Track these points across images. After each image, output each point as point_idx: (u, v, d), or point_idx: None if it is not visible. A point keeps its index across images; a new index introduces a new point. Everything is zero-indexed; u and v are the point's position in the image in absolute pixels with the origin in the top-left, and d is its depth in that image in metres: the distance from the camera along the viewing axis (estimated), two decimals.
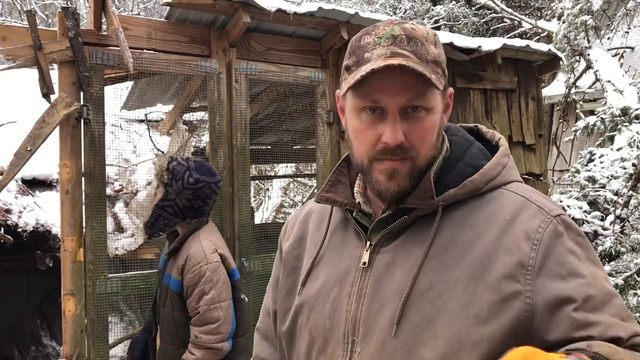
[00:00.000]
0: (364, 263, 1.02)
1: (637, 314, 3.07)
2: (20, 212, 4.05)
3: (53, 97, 2.74)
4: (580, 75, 7.97)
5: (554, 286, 0.89)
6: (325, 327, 1.03)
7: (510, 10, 11.34)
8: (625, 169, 4.62)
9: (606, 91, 6.52)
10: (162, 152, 4.83)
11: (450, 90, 1.04)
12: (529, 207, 0.95)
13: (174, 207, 2.40)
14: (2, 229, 3.93)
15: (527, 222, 0.93)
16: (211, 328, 2.31)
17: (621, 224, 3.93)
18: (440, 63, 0.97)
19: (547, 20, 11.04)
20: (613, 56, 8.59)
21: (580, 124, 6.32)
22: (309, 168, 9.26)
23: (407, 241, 0.99)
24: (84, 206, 2.82)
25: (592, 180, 4.68)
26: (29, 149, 2.63)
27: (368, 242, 1.03)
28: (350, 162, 1.13)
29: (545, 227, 0.92)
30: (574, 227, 0.95)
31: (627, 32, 9.82)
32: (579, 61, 7.80)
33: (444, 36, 3.91)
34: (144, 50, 3.02)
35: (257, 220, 10.08)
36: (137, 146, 5.06)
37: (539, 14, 12.58)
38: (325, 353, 1.02)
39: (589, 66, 7.45)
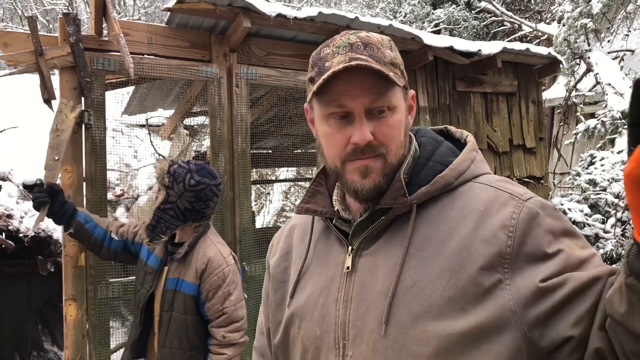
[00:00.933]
0: (347, 267, 1.04)
1: None
2: (21, 217, 4.06)
3: (54, 103, 2.75)
4: (581, 78, 7.98)
5: (530, 270, 0.91)
6: (315, 334, 1.05)
7: (510, 13, 11.36)
8: None
9: (606, 94, 6.53)
10: (163, 157, 4.84)
11: (412, 92, 1.08)
12: (500, 196, 0.98)
13: (175, 210, 2.40)
14: (4, 234, 3.94)
15: (501, 211, 0.95)
16: (237, 326, 2.41)
17: (622, 227, 3.93)
18: (398, 65, 1.02)
19: (547, 24, 11.05)
20: (613, 59, 8.59)
21: (581, 127, 6.32)
22: (310, 172, 9.26)
23: (387, 242, 1.02)
24: None
25: (593, 183, 4.68)
26: (56, 158, 2.65)
27: (350, 247, 1.06)
28: (327, 173, 1.18)
29: (519, 212, 0.94)
30: (547, 204, 0.97)
31: (627, 35, 9.83)
32: (579, 64, 7.81)
33: (444, 40, 3.92)
34: (145, 56, 3.02)
35: (258, 224, 10.08)
36: (138, 151, 5.08)
37: (539, 17, 12.59)
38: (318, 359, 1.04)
39: (589, 69, 7.46)
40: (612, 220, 4.07)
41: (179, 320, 2.40)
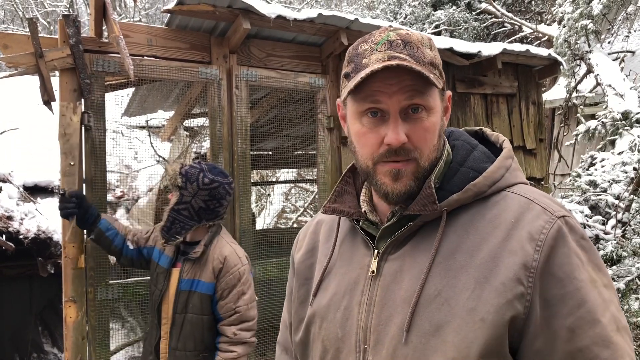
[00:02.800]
0: (372, 272, 1.03)
1: (639, 318, 3.06)
2: (21, 219, 4.06)
3: (54, 104, 2.75)
4: (581, 80, 7.97)
5: (551, 290, 0.89)
6: (337, 336, 1.04)
7: (510, 15, 11.35)
8: (626, 173, 4.61)
9: (607, 95, 6.52)
10: (164, 159, 4.84)
11: (449, 93, 1.05)
12: (532, 209, 0.95)
13: (189, 210, 2.44)
14: (4, 235, 3.94)
15: (531, 224, 0.92)
16: (249, 325, 2.44)
17: (622, 228, 3.92)
18: (437, 65, 0.99)
19: (548, 25, 11.05)
20: (614, 60, 8.59)
21: (581, 128, 6.32)
22: (310, 173, 9.26)
23: (414, 248, 0.99)
24: None
25: (593, 184, 4.68)
26: (72, 163, 2.67)
27: (376, 251, 1.04)
28: (356, 172, 1.15)
29: (549, 227, 0.91)
30: (577, 230, 0.94)
31: (628, 36, 9.83)
32: (580, 65, 7.80)
33: (444, 41, 3.92)
34: (145, 57, 3.03)
35: (259, 225, 10.07)
36: (138, 152, 5.08)
37: (539, 19, 12.59)
38: None
39: (589, 70, 7.45)
40: (612, 222, 4.06)
41: (195, 321, 2.42)
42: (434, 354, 0.91)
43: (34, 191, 4.46)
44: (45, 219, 4.15)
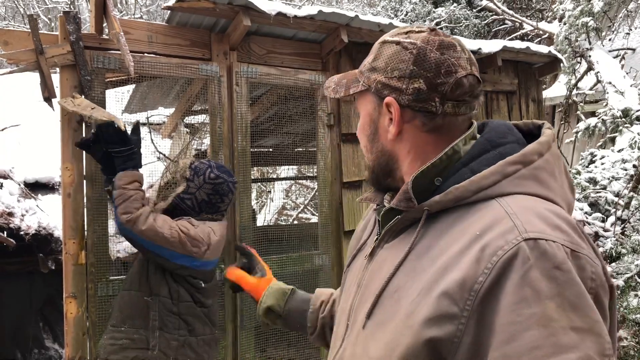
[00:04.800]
0: (366, 256, 1.10)
1: (638, 315, 3.07)
2: (22, 215, 4.07)
3: (55, 101, 2.76)
4: (582, 77, 7.97)
5: (489, 317, 0.80)
6: (343, 308, 1.13)
7: (511, 12, 11.34)
8: (626, 170, 4.61)
9: (607, 93, 6.52)
10: (164, 155, 4.84)
11: (387, 100, 1.00)
12: (504, 224, 0.85)
13: (192, 200, 2.61)
14: (5, 232, 3.95)
15: (491, 241, 0.83)
16: (185, 234, 2.45)
17: (622, 226, 3.93)
18: (363, 72, 1.07)
19: (549, 22, 11.04)
20: (614, 57, 8.58)
21: (582, 125, 6.32)
22: (311, 170, 9.26)
23: (400, 241, 1.01)
24: (85, 209, 2.84)
25: (593, 181, 4.68)
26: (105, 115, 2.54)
27: (375, 237, 1.10)
28: None
29: (507, 249, 0.81)
30: (551, 256, 0.79)
31: (628, 34, 9.82)
32: (580, 63, 7.80)
33: None
34: (145, 54, 3.03)
35: (260, 222, 10.08)
36: None
37: (540, 16, 12.58)
38: (337, 330, 1.13)
39: (590, 68, 7.45)
40: (612, 219, 4.07)
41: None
42: (375, 344, 0.94)
43: (35, 187, 4.47)
44: (46, 215, 4.16)
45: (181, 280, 2.55)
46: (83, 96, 2.72)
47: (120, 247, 4.01)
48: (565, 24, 7.64)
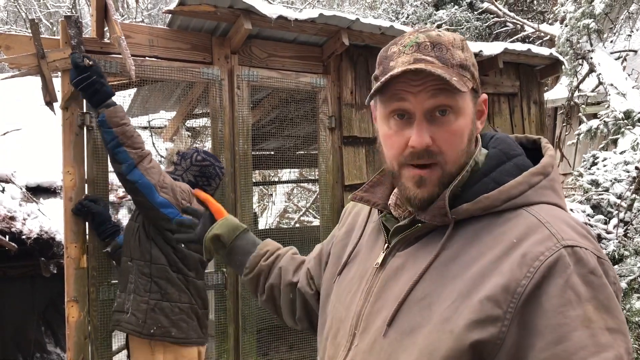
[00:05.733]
0: (377, 264, 1.06)
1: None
2: (24, 219, 4.07)
3: (56, 105, 2.76)
4: (583, 79, 7.96)
5: (533, 319, 0.84)
6: (341, 317, 1.10)
7: (512, 14, 11.34)
8: (628, 172, 4.61)
9: (609, 94, 6.51)
10: (166, 158, 4.85)
11: (484, 96, 1.03)
12: (540, 232, 0.89)
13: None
14: (7, 236, 3.95)
15: (531, 247, 0.87)
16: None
17: (624, 228, 3.92)
18: (468, 67, 0.98)
19: (550, 24, 11.03)
20: (616, 59, 8.58)
21: (583, 127, 6.31)
22: (313, 173, 9.26)
23: (419, 249, 1.00)
24: None
25: (595, 183, 4.67)
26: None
27: (386, 244, 1.07)
28: None
29: (549, 255, 0.85)
30: (587, 263, 0.85)
31: (630, 35, 9.80)
32: (582, 64, 7.79)
33: None
34: (146, 58, 3.03)
35: (261, 225, 10.08)
36: None
37: (541, 18, 12.58)
38: (335, 340, 1.10)
39: (591, 69, 7.44)
40: (614, 221, 4.06)
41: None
42: (403, 352, 0.92)
43: (37, 191, 4.48)
44: (47, 219, 4.16)
45: (158, 239, 2.56)
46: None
47: None
48: (566, 26, 7.63)
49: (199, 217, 1.57)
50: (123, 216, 4.52)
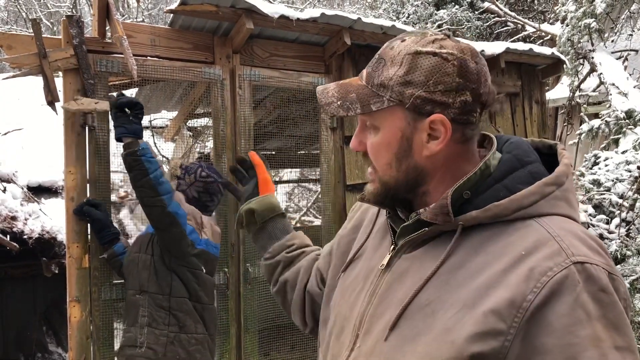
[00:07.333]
0: (382, 265, 1.05)
1: None
2: (26, 219, 4.07)
3: (58, 105, 2.76)
4: (585, 79, 7.96)
5: (541, 337, 0.82)
6: (345, 316, 1.09)
7: (513, 14, 11.34)
8: (630, 172, 4.60)
9: (610, 94, 6.50)
10: (167, 159, 4.85)
11: (436, 117, 0.94)
12: (549, 246, 0.87)
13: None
14: (8, 236, 3.95)
15: (539, 262, 0.85)
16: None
17: (627, 227, 3.92)
18: (390, 86, 0.95)
19: (551, 24, 11.03)
20: (617, 59, 8.57)
21: (585, 127, 6.31)
22: (314, 173, 9.26)
23: (425, 253, 0.99)
24: None
25: (597, 183, 4.67)
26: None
27: (392, 246, 1.07)
28: None
29: (557, 271, 0.83)
30: (598, 280, 0.84)
31: (631, 35, 9.79)
32: (583, 64, 7.78)
33: None
34: (148, 58, 3.03)
35: None
36: None
37: (542, 18, 12.57)
38: (338, 340, 1.09)
39: (593, 69, 7.43)
40: (616, 221, 4.06)
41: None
42: (402, 358, 0.91)
43: (38, 191, 4.48)
44: (49, 219, 4.17)
45: (180, 269, 2.54)
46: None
47: None
48: (567, 25, 7.62)
49: (238, 197, 1.57)
50: (124, 216, 4.52)
